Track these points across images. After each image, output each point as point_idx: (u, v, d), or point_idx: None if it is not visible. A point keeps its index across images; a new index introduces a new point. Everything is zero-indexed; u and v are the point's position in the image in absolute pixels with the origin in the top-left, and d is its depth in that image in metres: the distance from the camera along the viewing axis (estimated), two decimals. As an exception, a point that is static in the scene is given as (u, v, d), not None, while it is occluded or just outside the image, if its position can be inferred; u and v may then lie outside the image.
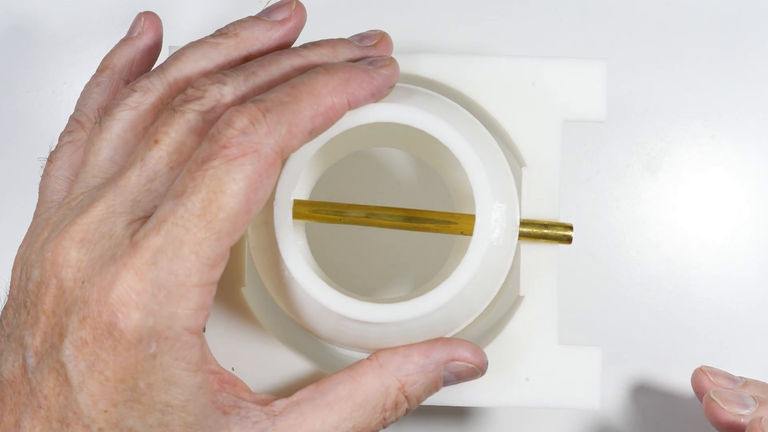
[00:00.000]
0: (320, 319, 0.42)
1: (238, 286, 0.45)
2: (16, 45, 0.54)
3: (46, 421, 0.36)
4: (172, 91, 0.40)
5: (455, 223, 0.43)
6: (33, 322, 0.37)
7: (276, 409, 0.39)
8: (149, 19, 0.44)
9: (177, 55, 0.41)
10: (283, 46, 0.42)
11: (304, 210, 0.44)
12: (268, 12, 0.42)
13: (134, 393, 0.36)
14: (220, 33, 0.41)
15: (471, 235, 0.41)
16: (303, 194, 0.48)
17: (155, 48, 0.44)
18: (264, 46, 0.41)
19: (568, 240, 0.44)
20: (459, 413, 0.52)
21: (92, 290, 0.36)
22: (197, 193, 0.36)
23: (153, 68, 0.42)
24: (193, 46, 0.41)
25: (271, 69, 0.40)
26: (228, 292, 0.45)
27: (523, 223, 0.44)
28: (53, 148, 0.42)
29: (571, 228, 0.44)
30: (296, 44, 0.42)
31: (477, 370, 0.42)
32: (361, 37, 0.42)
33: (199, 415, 0.37)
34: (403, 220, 0.44)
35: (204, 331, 0.42)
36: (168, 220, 0.36)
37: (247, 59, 0.41)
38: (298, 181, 0.42)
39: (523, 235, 0.44)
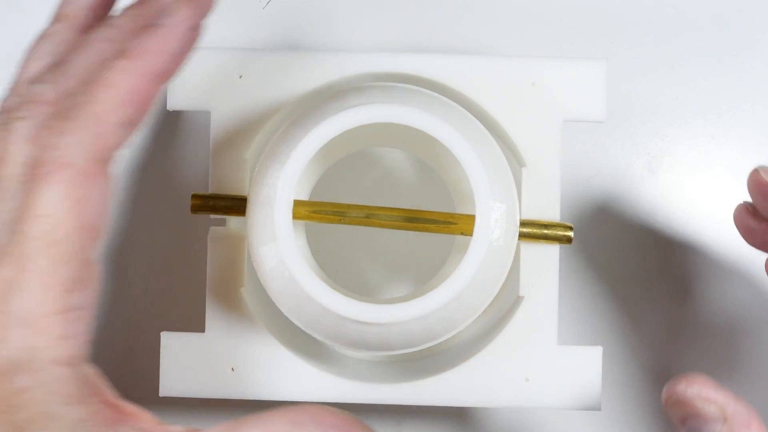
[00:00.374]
0: (320, 319, 0.42)
1: (238, 286, 0.45)
2: (16, 44, 0.54)
3: None
4: None
5: (455, 224, 0.43)
6: None
7: None
8: None
9: (25, 63, 0.39)
10: None
11: (304, 210, 0.43)
12: None
13: (14, 428, 0.34)
14: (55, 19, 0.39)
15: (471, 235, 0.41)
16: (303, 194, 0.48)
17: None
18: (96, 12, 0.39)
19: (568, 240, 0.44)
20: (458, 414, 0.52)
21: None
22: (25, 219, 0.34)
23: (11, 78, 0.39)
24: (36, 46, 0.39)
25: (86, 52, 0.37)
26: (228, 292, 0.45)
27: (523, 224, 0.44)
28: None
29: (571, 228, 0.44)
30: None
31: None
32: None
33: None
34: (403, 220, 0.44)
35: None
36: (8, 251, 0.35)
37: (88, 30, 0.39)
38: (298, 182, 0.42)
39: (523, 236, 0.44)
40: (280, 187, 0.41)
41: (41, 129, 0.35)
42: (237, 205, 0.43)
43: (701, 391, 0.38)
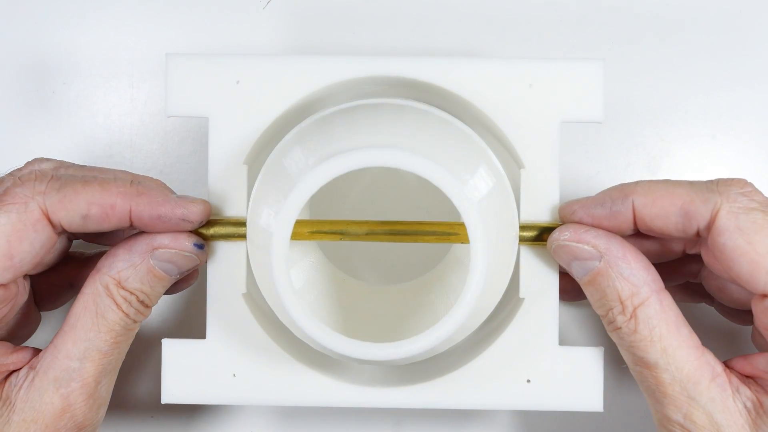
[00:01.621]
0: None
1: (239, 292, 0.45)
2: (16, 45, 0.53)
3: None
4: None
5: (456, 234, 0.43)
6: None
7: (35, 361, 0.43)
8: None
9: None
10: None
11: (304, 230, 0.43)
12: None
13: None
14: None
15: (472, 243, 0.41)
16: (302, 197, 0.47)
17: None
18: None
19: (569, 243, 0.44)
20: (460, 415, 0.53)
21: None
22: None
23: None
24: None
25: (94, 171, 0.44)
26: (228, 298, 0.45)
27: (523, 227, 0.44)
28: None
29: (570, 230, 0.44)
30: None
31: (187, 255, 0.43)
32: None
33: None
34: (403, 233, 0.43)
35: None
36: None
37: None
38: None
39: (523, 239, 0.44)
40: (275, 236, 0.40)
41: (32, 173, 0.42)
42: (237, 231, 0.44)
43: (573, 236, 0.42)
